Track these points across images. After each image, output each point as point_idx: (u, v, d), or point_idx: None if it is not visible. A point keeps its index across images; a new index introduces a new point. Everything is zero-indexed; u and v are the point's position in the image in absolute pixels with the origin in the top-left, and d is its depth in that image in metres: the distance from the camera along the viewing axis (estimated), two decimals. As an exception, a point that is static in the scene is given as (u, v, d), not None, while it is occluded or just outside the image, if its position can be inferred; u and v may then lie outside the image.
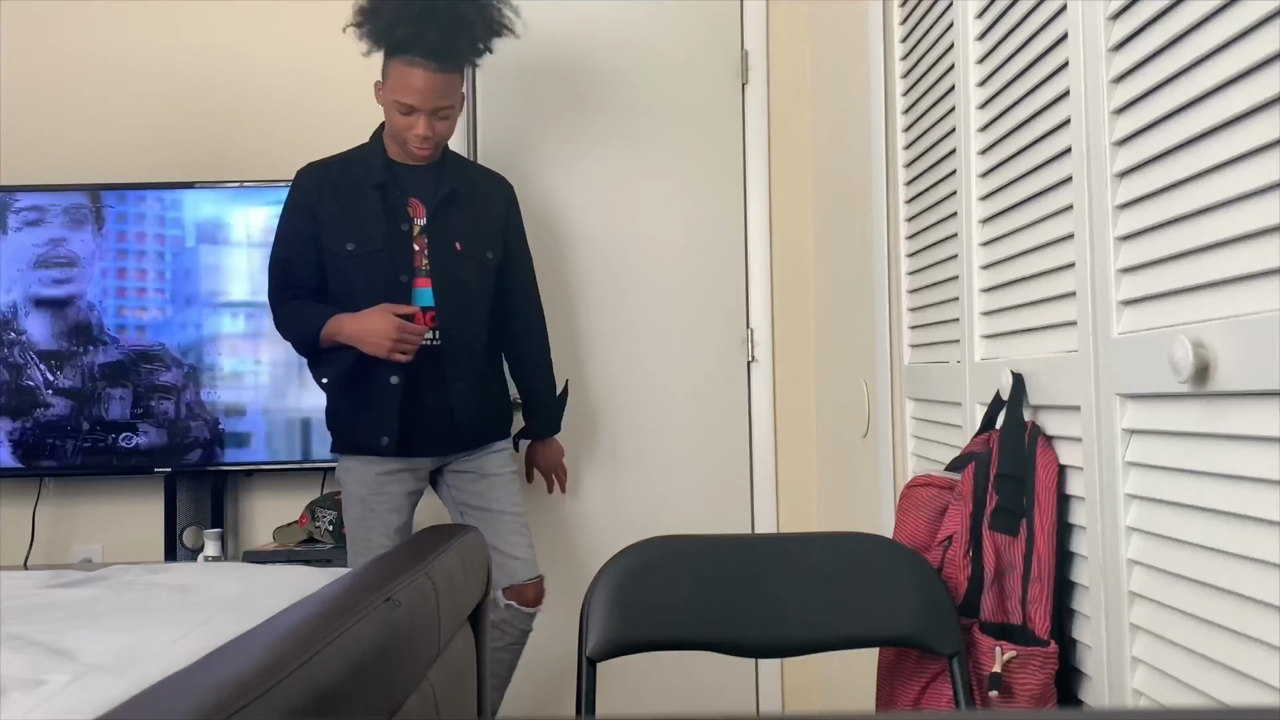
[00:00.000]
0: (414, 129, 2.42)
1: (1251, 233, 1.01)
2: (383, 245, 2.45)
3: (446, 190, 2.51)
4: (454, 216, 2.52)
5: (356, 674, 1.19)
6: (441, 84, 2.40)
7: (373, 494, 2.47)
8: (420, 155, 2.49)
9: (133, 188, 3.10)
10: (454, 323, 2.48)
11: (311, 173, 2.56)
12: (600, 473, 3.30)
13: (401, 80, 2.40)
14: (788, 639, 1.59)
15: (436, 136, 2.46)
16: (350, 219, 2.47)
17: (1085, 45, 1.32)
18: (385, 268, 2.44)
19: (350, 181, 2.51)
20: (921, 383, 2.16)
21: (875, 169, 2.45)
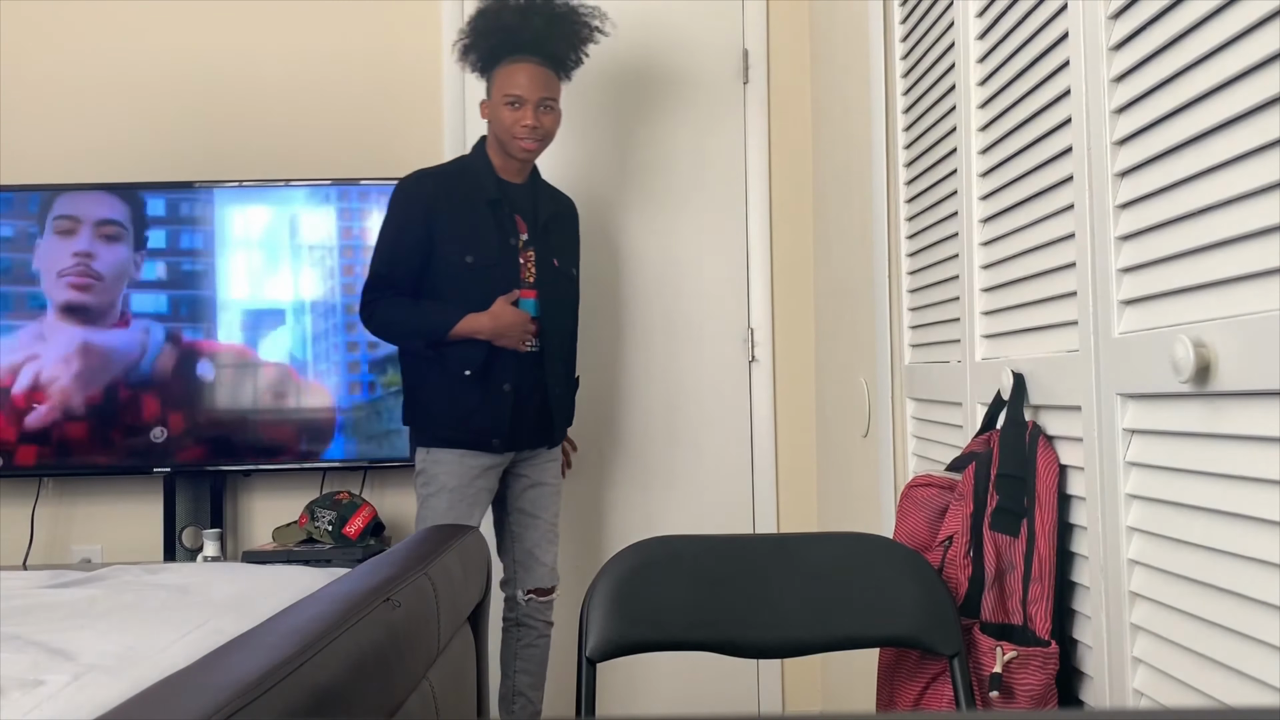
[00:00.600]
0: (522, 120, 2.58)
1: (1252, 232, 1.01)
2: (498, 259, 2.60)
3: (550, 212, 2.72)
4: (552, 235, 2.72)
5: (356, 674, 1.19)
6: (545, 76, 2.60)
7: (464, 485, 2.58)
8: (526, 151, 2.62)
9: (133, 187, 3.09)
10: (553, 332, 2.67)
11: (424, 182, 2.65)
12: (600, 472, 3.30)
13: (508, 77, 2.60)
14: (788, 639, 1.59)
15: (543, 129, 2.61)
16: (468, 232, 2.60)
17: (1086, 44, 1.31)
18: (500, 281, 2.59)
19: (463, 194, 2.63)
20: (922, 382, 2.16)
21: (875, 169, 2.44)
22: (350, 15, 3.34)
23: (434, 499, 2.58)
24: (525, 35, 2.60)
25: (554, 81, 2.64)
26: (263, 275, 3.10)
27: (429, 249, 2.59)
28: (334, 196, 3.12)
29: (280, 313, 3.10)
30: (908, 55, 2.23)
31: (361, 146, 3.32)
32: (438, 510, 2.58)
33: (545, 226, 2.69)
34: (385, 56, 3.35)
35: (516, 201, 2.67)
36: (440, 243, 2.59)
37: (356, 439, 3.09)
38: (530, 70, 2.59)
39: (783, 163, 3.36)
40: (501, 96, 2.60)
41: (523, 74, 2.59)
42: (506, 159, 2.65)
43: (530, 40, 2.60)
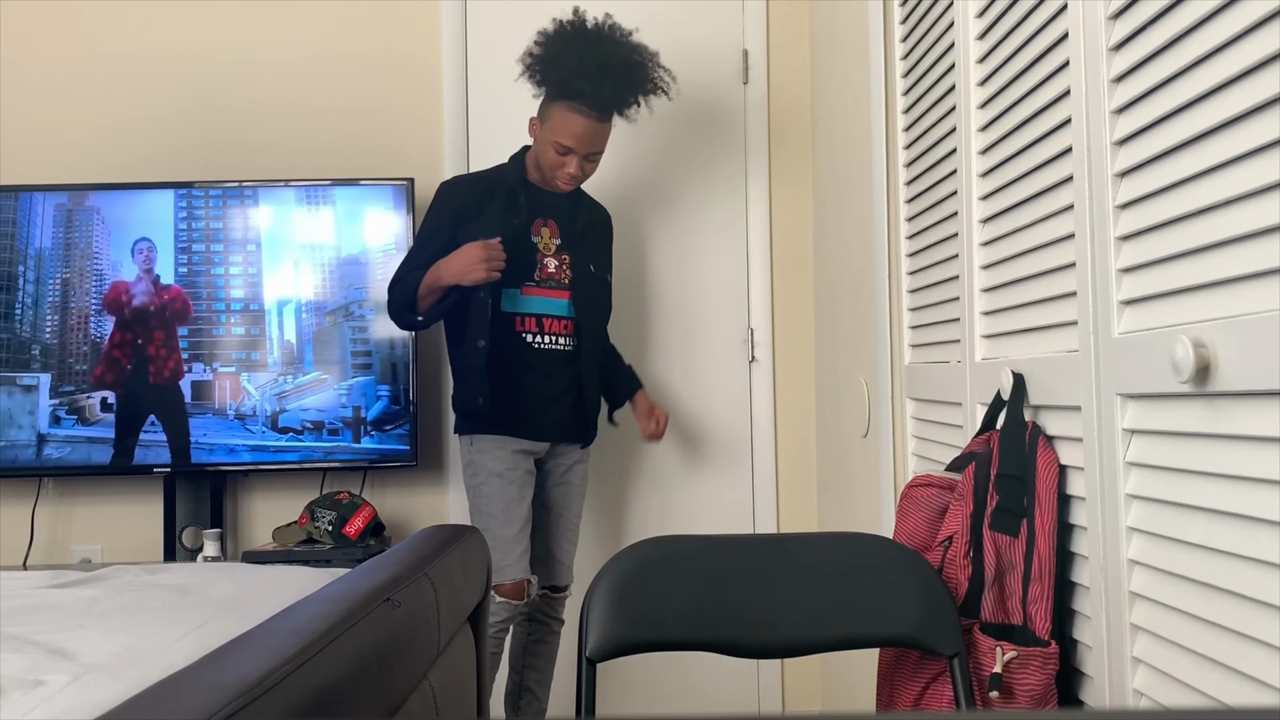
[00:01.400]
0: (565, 168, 2.68)
1: (1252, 232, 1.01)
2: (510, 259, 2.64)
3: (588, 220, 2.84)
4: (587, 241, 2.83)
5: (356, 674, 1.19)
6: (600, 132, 2.68)
7: (510, 469, 2.66)
8: (564, 190, 2.75)
9: (133, 188, 3.09)
10: (588, 332, 2.77)
11: (457, 190, 2.76)
12: (600, 473, 3.30)
13: (564, 124, 2.64)
14: (788, 639, 1.59)
15: (584, 175, 2.73)
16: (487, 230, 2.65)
17: (1086, 45, 1.31)
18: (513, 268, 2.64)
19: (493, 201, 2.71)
20: (922, 383, 2.16)
21: (875, 169, 2.44)
22: (350, 15, 3.34)
23: (486, 485, 2.66)
24: (592, 95, 2.63)
25: (604, 134, 2.70)
26: (263, 275, 3.10)
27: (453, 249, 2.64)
28: (333, 196, 3.12)
29: (280, 313, 3.10)
30: (908, 55, 2.23)
31: (361, 146, 3.32)
32: (490, 494, 2.65)
33: (582, 233, 2.80)
34: (385, 56, 3.34)
35: (550, 209, 2.77)
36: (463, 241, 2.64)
37: (356, 439, 3.09)
38: (587, 127, 2.64)
39: (782, 163, 3.36)
40: (551, 141, 2.66)
41: (578, 126, 2.63)
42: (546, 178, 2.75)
43: (595, 101, 2.63)
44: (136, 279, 3.07)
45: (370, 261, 3.12)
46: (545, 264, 2.76)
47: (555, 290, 2.76)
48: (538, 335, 2.73)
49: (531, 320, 2.73)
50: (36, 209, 3.06)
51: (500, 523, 2.62)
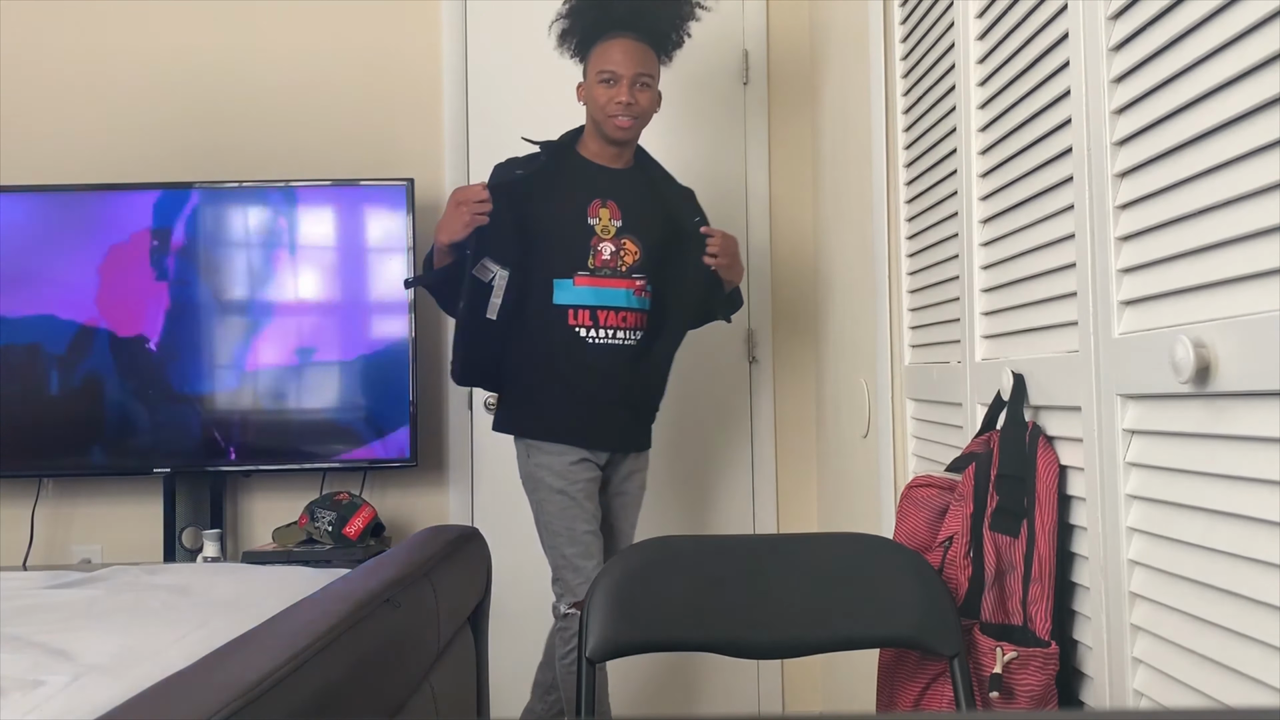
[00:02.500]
0: (616, 96, 2.47)
1: (1252, 233, 1.01)
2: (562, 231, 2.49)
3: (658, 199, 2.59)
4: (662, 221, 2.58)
5: (356, 675, 1.19)
6: (641, 52, 2.50)
7: (570, 484, 2.47)
8: (621, 129, 2.50)
9: (133, 188, 3.09)
10: (657, 325, 2.57)
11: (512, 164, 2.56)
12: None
13: (603, 54, 2.50)
14: (788, 639, 1.59)
15: (639, 106, 2.49)
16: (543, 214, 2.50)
17: (1086, 45, 1.31)
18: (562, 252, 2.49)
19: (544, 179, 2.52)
20: (922, 383, 2.16)
21: (875, 169, 2.44)
22: (350, 15, 3.34)
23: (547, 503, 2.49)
24: (622, 10, 2.50)
25: (651, 58, 2.52)
26: (263, 275, 3.10)
27: None
28: (333, 197, 3.11)
29: (280, 313, 3.09)
30: (908, 56, 2.23)
31: (361, 146, 3.32)
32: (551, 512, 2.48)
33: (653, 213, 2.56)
34: (385, 56, 3.35)
35: (611, 188, 2.55)
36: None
37: (356, 439, 3.08)
38: (626, 45, 2.49)
39: (783, 163, 3.36)
40: (596, 74, 2.50)
41: (618, 49, 2.48)
42: (603, 144, 2.55)
43: (628, 15, 2.50)
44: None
45: (370, 261, 3.12)
46: (599, 250, 2.51)
47: (612, 279, 2.51)
48: (592, 329, 2.49)
49: (585, 313, 2.49)
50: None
51: (565, 541, 2.45)
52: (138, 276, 3.06)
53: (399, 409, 3.08)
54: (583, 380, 2.48)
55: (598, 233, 2.50)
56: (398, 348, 3.09)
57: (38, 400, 3.03)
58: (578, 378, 2.48)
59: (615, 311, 2.50)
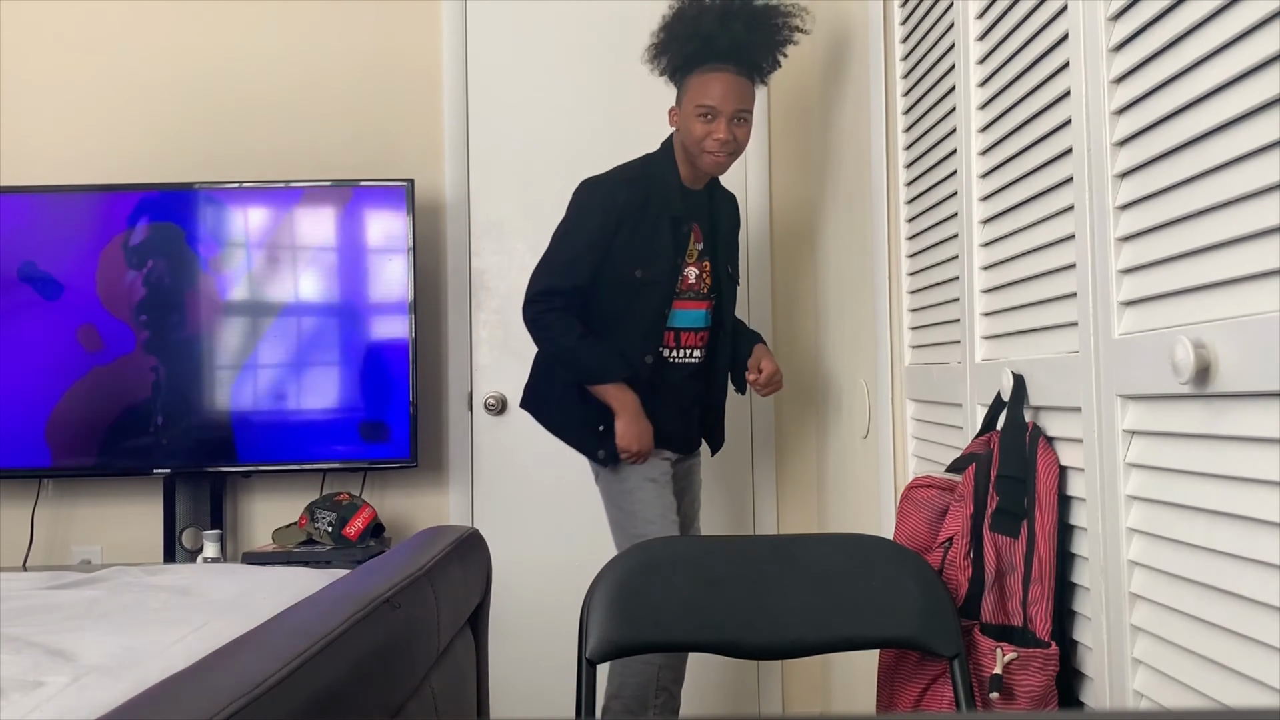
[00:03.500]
0: (714, 133, 2.46)
1: (1252, 233, 1.01)
2: (664, 277, 2.51)
3: (724, 217, 2.65)
4: (726, 241, 2.66)
5: (356, 676, 1.19)
6: (740, 85, 2.48)
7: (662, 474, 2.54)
8: (717, 164, 2.51)
9: (133, 188, 3.09)
10: (720, 342, 2.61)
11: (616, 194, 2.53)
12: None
13: (701, 87, 2.47)
14: (788, 640, 1.59)
15: (736, 143, 2.49)
16: (644, 246, 2.50)
17: (1086, 46, 1.31)
18: (657, 297, 2.52)
19: (650, 206, 2.52)
20: (922, 383, 2.16)
21: (875, 169, 2.44)
22: (350, 15, 3.34)
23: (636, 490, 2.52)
24: (723, 43, 2.45)
25: (749, 91, 2.51)
26: (263, 276, 3.10)
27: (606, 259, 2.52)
28: (333, 197, 3.11)
29: (280, 313, 3.09)
30: (908, 56, 2.23)
31: (361, 147, 3.32)
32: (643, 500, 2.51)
33: (721, 233, 2.63)
34: (385, 56, 3.34)
35: (695, 211, 2.59)
36: (616, 252, 2.50)
37: (356, 440, 3.08)
38: (726, 81, 2.46)
39: (782, 163, 3.36)
40: (694, 107, 2.47)
41: (718, 84, 2.45)
42: (694, 170, 2.56)
43: (728, 48, 2.46)
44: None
45: (370, 262, 3.12)
46: (687, 274, 2.56)
47: (695, 301, 2.57)
48: (674, 350, 2.57)
49: (670, 335, 2.56)
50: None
51: (659, 528, 2.47)
52: (137, 276, 3.06)
53: (399, 409, 3.08)
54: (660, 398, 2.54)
55: (685, 256, 2.56)
56: (398, 348, 3.09)
57: (38, 400, 3.03)
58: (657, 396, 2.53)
59: (694, 332, 2.58)
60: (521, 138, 3.32)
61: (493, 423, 3.29)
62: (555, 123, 3.34)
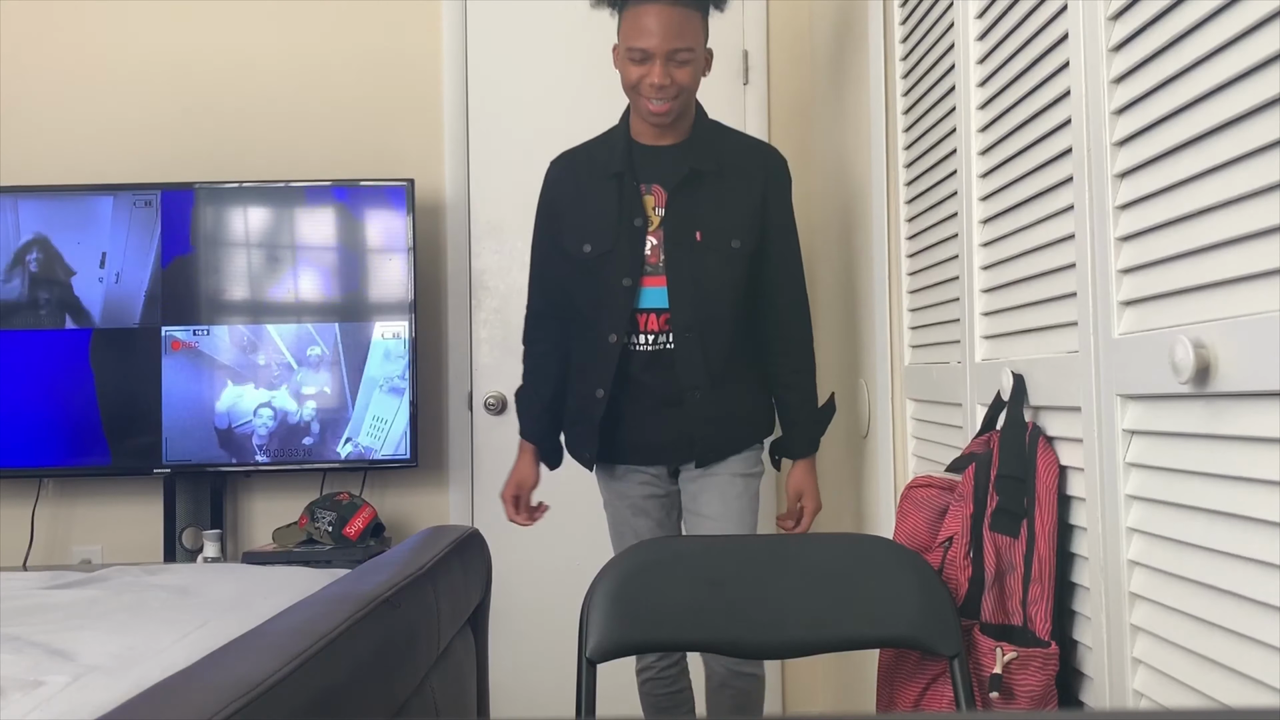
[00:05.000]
0: (648, 77, 2.11)
1: (1252, 233, 1.01)
2: (613, 245, 2.19)
3: (686, 170, 2.18)
4: (698, 200, 2.19)
5: (355, 675, 1.19)
6: (677, 20, 2.10)
7: (616, 497, 2.35)
8: (657, 115, 2.15)
9: (133, 189, 3.09)
10: (689, 324, 2.19)
11: (557, 166, 2.33)
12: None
13: (632, 24, 2.12)
14: (788, 640, 1.59)
15: (675, 86, 2.12)
16: (587, 217, 2.22)
17: (1086, 45, 1.31)
18: (613, 271, 2.19)
19: (591, 173, 2.25)
20: (922, 383, 2.16)
21: (875, 169, 2.44)
22: (350, 15, 3.34)
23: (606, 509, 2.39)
24: None
25: (691, 24, 2.12)
26: (263, 276, 3.10)
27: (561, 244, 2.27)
28: (334, 197, 3.11)
29: (281, 313, 3.09)
30: (908, 56, 2.23)
31: (361, 146, 3.32)
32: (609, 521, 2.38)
33: (681, 192, 2.19)
34: (385, 56, 3.34)
35: (653, 170, 2.21)
36: (564, 234, 2.25)
37: (356, 440, 3.08)
38: (660, 15, 2.08)
39: (783, 163, 3.36)
40: (625, 50, 2.14)
41: (651, 19, 2.08)
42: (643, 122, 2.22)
43: None
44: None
45: (370, 262, 3.12)
46: (648, 242, 2.20)
47: (653, 276, 2.20)
48: (633, 336, 2.23)
49: (641, 318, 2.22)
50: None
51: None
52: (137, 277, 3.06)
53: (399, 409, 3.08)
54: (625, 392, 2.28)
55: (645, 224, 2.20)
56: (398, 348, 3.09)
57: (38, 400, 3.03)
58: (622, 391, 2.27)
59: (654, 314, 2.21)
60: (522, 138, 3.32)
61: (493, 423, 3.29)
62: (555, 122, 3.34)
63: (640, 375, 2.23)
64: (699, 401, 2.22)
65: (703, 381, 2.21)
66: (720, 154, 2.24)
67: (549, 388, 2.39)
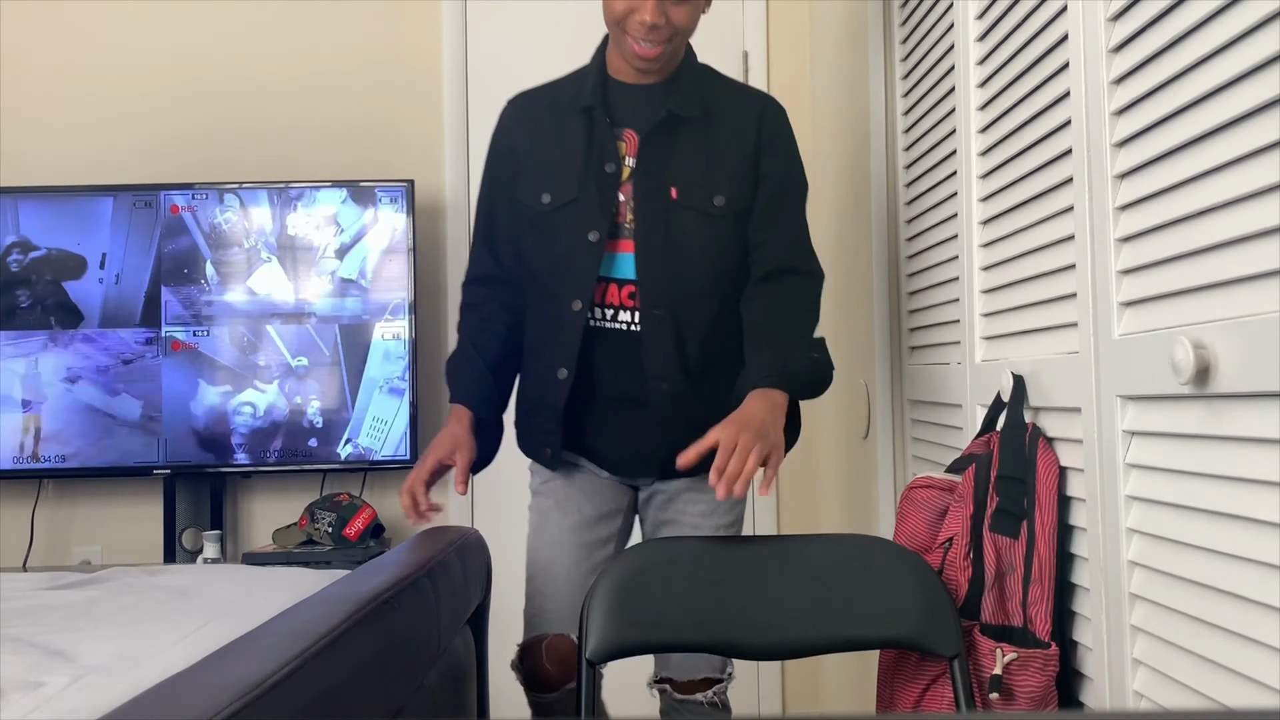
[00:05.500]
0: (638, 12, 1.73)
1: (1252, 234, 1.01)
2: (578, 193, 1.81)
3: (663, 114, 1.81)
4: (676, 150, 1.82)
5: (356, 676, 1.19)
6: None
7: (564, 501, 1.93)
8: (646, 59, 1.78)
9: (132, 189, 3.09)
10: (658, 299, 1.79)
11: (513, 106, 1.98)
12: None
13: None
14: (788, 641, 1.59)
15: (670, 27, 1.76)
16: (548, 160, 1.86)
17: (1086, 46, 1.31)
18: (580, 226, 1.80)
19: (556, 109, 1.89)
20: (922, 384, 2.16)
21: (875, 169, 2.44)
22: (350, 15, 3.34)
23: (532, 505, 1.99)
24: None
25: None
26: (263, 276, 3.10)
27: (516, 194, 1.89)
28: (333, 198, 3.11)
29: (281, 313, 3.09)
30: (908, 57, 2.23)
31: (361, 146, 3.32)
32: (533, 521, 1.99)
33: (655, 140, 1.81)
34: (385, 56, 3.34)
35: (628, 112, 1.84)
36: (520, 182, 1.88)
37: (357, 441, 3.08)
38: None
39: (783, 164, 3.36)
40: None
41: None
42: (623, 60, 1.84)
43: None
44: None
45: (370, 263, 3.12)
46: (619, 199, 1.82)
47: (621, 240, 1.82)
48: (596, 309, 1.83)
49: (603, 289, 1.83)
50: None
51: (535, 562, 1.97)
52: (137, 277, 3.06)
53: (399, 410, 3.08)
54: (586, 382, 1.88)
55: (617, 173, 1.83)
56: (398, 348, 3.09)
57: (37, 401, 3.03)
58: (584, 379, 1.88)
59: (620, 284, 1.82)
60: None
61: (493, 423, 3.28)
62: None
63: (598, 361, 1.83)
64: (666, 398, 1.80)
65: (673, 373, 1.80)
66: (706, 98, 1.86)
67: (497, 349, 1.93)
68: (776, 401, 1.70)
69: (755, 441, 1.59)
